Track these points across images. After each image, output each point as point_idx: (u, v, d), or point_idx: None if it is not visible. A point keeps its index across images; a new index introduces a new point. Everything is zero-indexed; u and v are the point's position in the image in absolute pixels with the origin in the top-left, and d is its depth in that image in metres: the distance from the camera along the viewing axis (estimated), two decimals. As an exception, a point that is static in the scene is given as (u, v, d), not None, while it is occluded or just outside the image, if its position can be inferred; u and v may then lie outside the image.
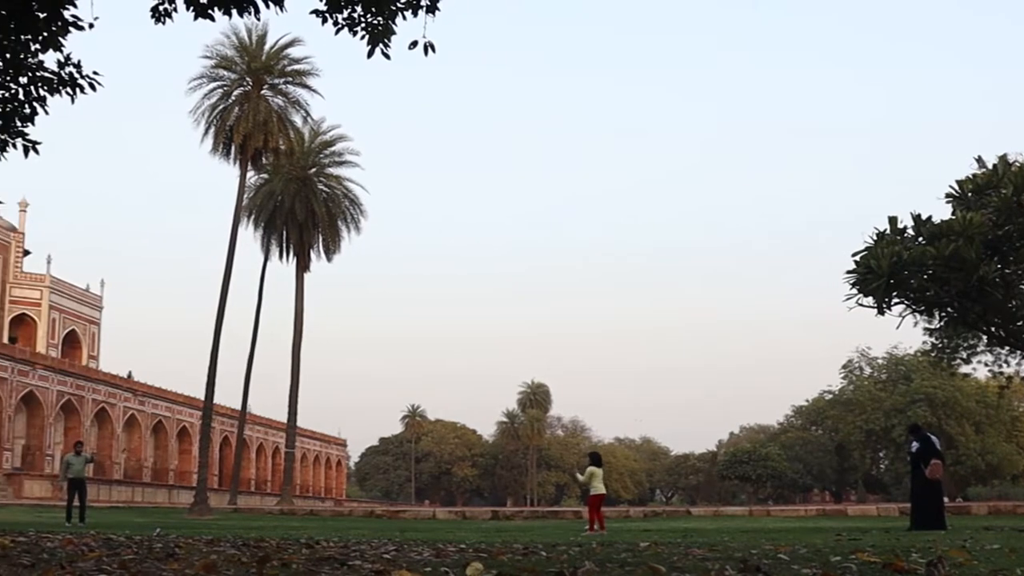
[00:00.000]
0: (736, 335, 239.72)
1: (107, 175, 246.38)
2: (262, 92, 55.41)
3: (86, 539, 11.18)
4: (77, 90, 11.89)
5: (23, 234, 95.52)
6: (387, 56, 11.20)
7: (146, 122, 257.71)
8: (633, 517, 41.31)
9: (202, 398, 55.48)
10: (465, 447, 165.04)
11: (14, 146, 12.27)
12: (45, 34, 11.46)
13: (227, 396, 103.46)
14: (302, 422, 71.25)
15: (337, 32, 11.13)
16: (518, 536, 18.71)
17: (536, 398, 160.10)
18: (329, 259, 67.49)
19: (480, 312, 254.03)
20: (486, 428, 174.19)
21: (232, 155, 55.00)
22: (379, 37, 11.03)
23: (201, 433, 56.69)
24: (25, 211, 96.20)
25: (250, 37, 55.47)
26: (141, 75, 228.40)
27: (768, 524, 30.26)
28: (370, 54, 11.12)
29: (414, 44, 10.72)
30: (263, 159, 57.24)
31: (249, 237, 67.39)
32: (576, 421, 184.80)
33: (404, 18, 10.97)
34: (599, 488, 25.15)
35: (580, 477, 25.87)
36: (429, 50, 10.76)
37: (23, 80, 11.93)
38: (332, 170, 68.12)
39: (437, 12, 10.95)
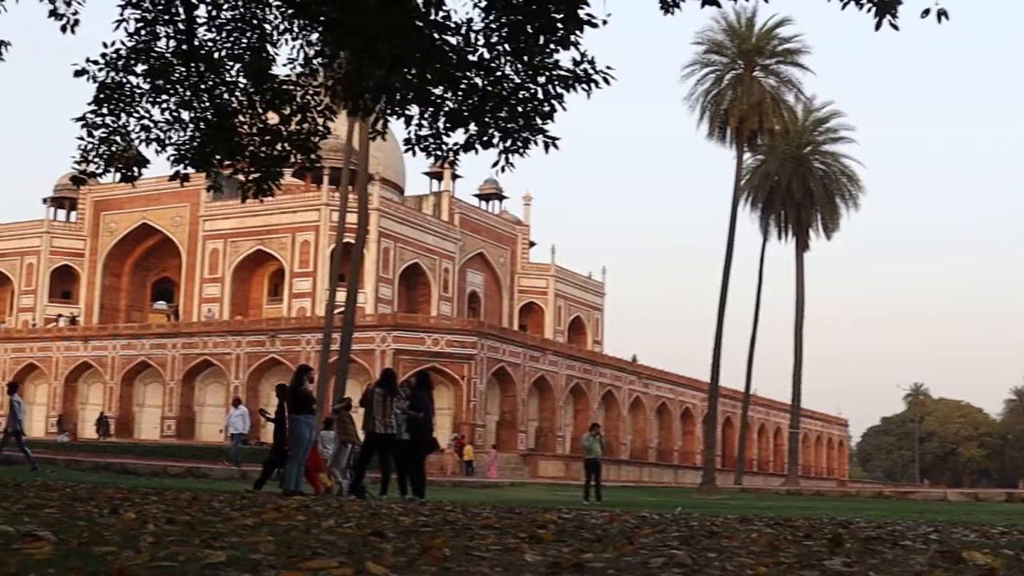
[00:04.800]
0: None
1: (604, 164, 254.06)
2: (754, 74, 55.64)
3: (624, 516, 11.61)
4: (592, 85, 12.25)
5: (528, 226, 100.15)
6: (895, 27, 10.89)
7: (637, 110, 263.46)
8: None
9: (702, 379, 55.96)
10: (971, 427, 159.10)
11: (535, 142, 12.77)
12: (560, 34, 11.87)
13: (727, 377, 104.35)
14: (803, 402, 70.77)
15: (844, 7, 10.94)
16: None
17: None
18: (828, 237, 66.97)
19: (984, 282, 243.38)
20: (993, 407, 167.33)
21: (728, 138, 55.61)
22: (887, 8, 10.73)
23: (708, 415, 57.54)
24: (529, 204, 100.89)
25: (739, 20, 55.82)
26: (633, 64, 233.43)
27: None
28: (878, 26, 10.84)
29: (926, 12, 10.35)
30: (758, 140, 57.54)
31: (745, 219, 67.77)
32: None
33: (912, -14, 10.61)
34: None
35: None
36: (942, 17, 10.38)
37: (541, 80, 12.43)
38: (827, 147, 67.53)
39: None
